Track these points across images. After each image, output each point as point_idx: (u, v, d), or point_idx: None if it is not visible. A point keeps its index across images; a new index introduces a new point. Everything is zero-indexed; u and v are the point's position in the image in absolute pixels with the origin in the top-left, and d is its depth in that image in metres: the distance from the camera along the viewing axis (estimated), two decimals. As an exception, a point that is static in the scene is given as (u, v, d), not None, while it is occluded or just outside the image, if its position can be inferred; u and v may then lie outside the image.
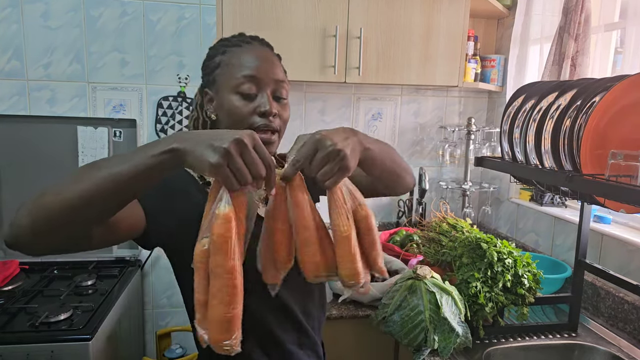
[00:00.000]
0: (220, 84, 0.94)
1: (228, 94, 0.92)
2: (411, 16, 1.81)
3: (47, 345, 1.37)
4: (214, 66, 0.96)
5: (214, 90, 0.96)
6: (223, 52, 0.96)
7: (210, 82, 0.97)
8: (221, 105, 0.93)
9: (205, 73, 0.99)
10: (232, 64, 0.93)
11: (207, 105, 0.98)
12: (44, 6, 1.89)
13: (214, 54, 0.97)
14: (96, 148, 1.97)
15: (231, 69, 0.92)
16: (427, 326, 1.19)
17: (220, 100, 0.94)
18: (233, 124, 0.91)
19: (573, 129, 1.06)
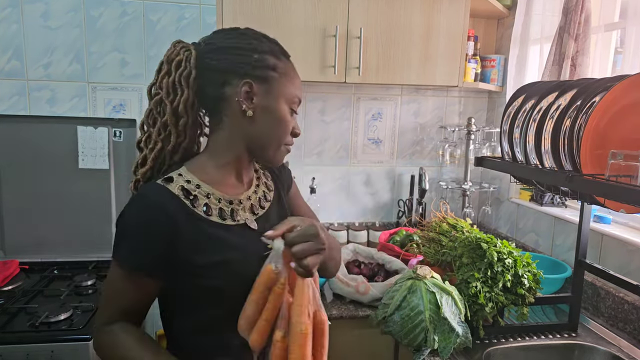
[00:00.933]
0: (276, 89, 0.91)
1: (282, 103, 0.92)
2: (411, 16, 1.81)
3: (47, 345, 1.38)
4: (268, 66, 0.91)
5: (261, 89, 0.90)
6: (274, 55, 0.93)
7: (259, 77, 0.90)
8: (269, 110, 0.91)
9: (252, 62, 0.89)
10: (289, 76, 0.94)
11: (245, 99, 0.89)
12: (44, 6, 1.89)
13: (262, 49, 0.91)
14: (96, 148, 1.97)
15: (289, 81, 0.93)
16: (427, 326, 1.19)
17: (268, 104, 0.91)
18: (278, 132, 0.93)
19: (573, 129, 1.06)
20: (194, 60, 0.89)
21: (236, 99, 0.89)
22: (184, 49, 0.92)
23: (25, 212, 1.94)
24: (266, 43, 0.93)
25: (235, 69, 0.89)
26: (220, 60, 0.89)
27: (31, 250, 1.95)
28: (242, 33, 0.94)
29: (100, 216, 2.01)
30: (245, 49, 0.90)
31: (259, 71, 0.89)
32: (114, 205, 2.02)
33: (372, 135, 2.26)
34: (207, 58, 0.90)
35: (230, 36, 0.93)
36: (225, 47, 0.91)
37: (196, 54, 0.90)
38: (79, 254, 1.99)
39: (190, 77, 0.89)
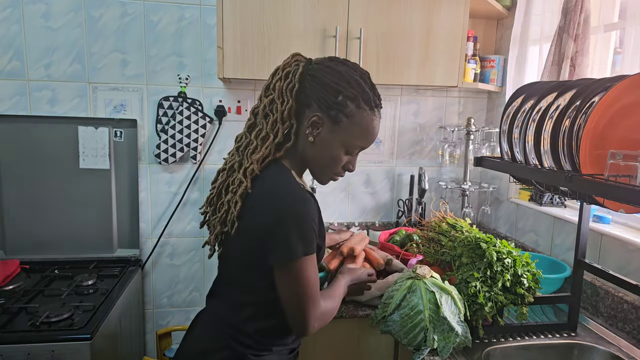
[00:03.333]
0: (340, 131, 1.02)
1: (339, 145, 1.04)
2: (411, 16, 1.81)
3: (47, 345, 1.38)
4: (344, 109, 1.00)
5: (327, 126, 1.02)
6: (358, 104, 1.01)
7: (330, 116, 1.01)
8: (326, 145, 1.03)
9: (331, 102, 1.01)
10: (361, 127, 1.03)
11: (311, 127, 1.02)
12: (44, 7, 1.90)
13: (349, 94, 1.00)
14: (97, 148, 1.97)
15: (356, 131, 1.03)
16: (426, 326, 1.19)
17: (328, 140, 1.03)
18: (326, 165, 1.07)
19: (572, 129, 1.06)
20: (298, 75, 1.01)
21: (305, 123, 1.02)
22: (296, 62, 1.04)
23: (26, 212, 1.95)
24: (358, 89, 1.01)
25: (317, 99, 1.01)
26: (312, 87, 1.01)
27: (32, 249, 1.96)
28: (342, 72, 1.02)
29: (101, 216, 2.01)
30: (334, 88, 1.00)
31: (333, 111, 1.00)
32: (114, 205, 2.03)
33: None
34: (306, 79, 1.02)
35: (331, 70, 1.02)
36: (321, 78, 1.01)
37: (302, 71, 1.02)
38: (79, 253, 1.99)
39: (294, 89, 1.01)
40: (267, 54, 1.74)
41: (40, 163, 1.94)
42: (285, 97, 1.02)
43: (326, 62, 1.04)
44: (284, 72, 1.04)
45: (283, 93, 1.02)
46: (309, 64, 1.04)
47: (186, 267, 2.19)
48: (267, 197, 0.99)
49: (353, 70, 1.03)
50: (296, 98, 1.02)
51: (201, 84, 2.07)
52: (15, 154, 1.92)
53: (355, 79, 1.01)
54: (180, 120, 2.03)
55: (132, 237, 2.06)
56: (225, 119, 2.10)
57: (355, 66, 1.05)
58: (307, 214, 0.98)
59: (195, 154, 2.06)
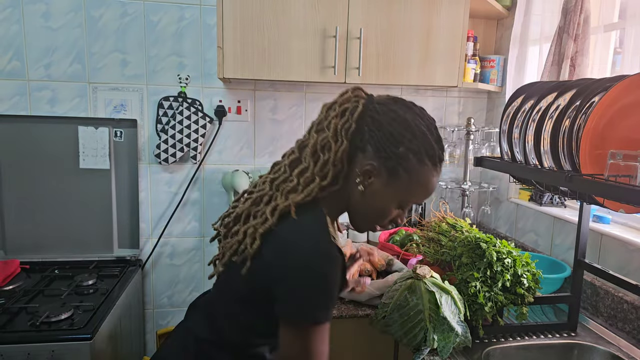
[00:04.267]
0: (395, 186, 0.92)
1: (392, 200, 0.94)
2: (411, 16, 1.81)
3: (47, 345, 1.38)
4: (404, 162, 0.90)
5: (382, 178, 0.91)
6: (421, 159, 0.90)
7: (387, 167, 0.90)
8: (377, 197, 0.93)
9: (390, 152, 0.89)
10: (419, 183, 0.93)
11: (363, 175, 0.91)
12: (44, 6, 1.90)
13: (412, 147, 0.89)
14: (97, 148, 1.97)
15: (414, 188, 0.93)
16: (426, 325, 1.19)
17: (380, 193, 0.92)
18: (374, 218, 0.97)
19: (572, 129, 1.06)
20: (357, 115, 0.91)
21: (357, 169, 0.91)
22: (356, 99, 0.93)
23: (26, 212, 1.95)
24: (423, 142, 0.90)
25: (374, 146, 0.90)
26: (372, 131, 0.90)
27: (32, 250, 1.96)
28: (408, 120, 0.91)
29: (101, 216, 2.01)
30: (396, 137, 0.89)
31: (391, 163, 0.90)
32: (114, 205, 2.03)
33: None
34: (365, 122, 0.91)
35: (395, 116, 0.91)
36: (382, 123, 0.90)
37: (361, 111, 0.91)
38: (79, 253, 1.99)
39: (350, 130, 0.90)
40: (267, 54, 1.74)
41: (40, 163, 1.94)
42: (340, 137, 0.90)
43: (390, 105, 0.93)
44: (341, 109, 0.92)
45: (338, 133, 0.90)
46: (370, 103, 0.93)
47: (186, 267, 2.19)
48: (294, 246, 0.86)
49: (420, 118, 0.92)
50: (351, 140, 0.91)
51: (201, 84, 2.07)
52: (15, 154, 1.92)
53: (421, 130, 0.90)
54: (180, 120, 2.03)
55: (132, 237, 2.06)
56: (225, 119, 2.10)
57: (423, 113, 0.94)
58: (333, 278, 0.86)
59: (195, 154, 2.06)
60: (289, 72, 1.77)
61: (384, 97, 0.95)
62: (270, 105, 2.14)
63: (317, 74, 1.78)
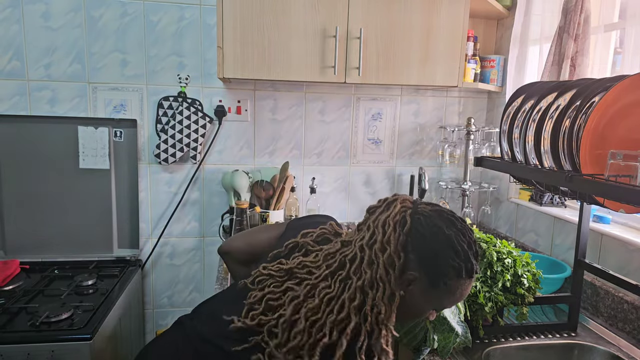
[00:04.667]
0: (434, 295, 0.94)
1: (429, 307, 0.97)
2: (411, 16, 1.81)
3: (47, 345, 1.38)
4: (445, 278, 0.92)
5: (423, 286, 0.93)
6: (460, 274, 0.92)
7: (429, 279, 0.92)
8: (415, 303, 0.94)
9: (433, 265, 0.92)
10: (456, 294, 0.95)
11: (403, 282, 0.92)
12: (44, 6, 1.90)
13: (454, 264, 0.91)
14: (97, 148, 1.97)
15: (451, 298, 0.96)
16: (426, 326, 1.19)
17: (419, 299, 0.94)
18: (406, 319, 0.99)
19: (572, 129, 1.06)
20: (407, 229, 0.93)
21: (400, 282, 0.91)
22: (403, 211, 0.95)
23: (26, 212, 1.95)
24: (464, 259, 0.92)
25: (419, 257, 0.92)
26: (415, 244, 0.92)
27: (32, 250, 1.96)
28: (451, 237, 0.92)
29: (100, 216, 2.01)
30: (439, 254, 0.92)
31: (432, 276, 0.92)
32: (114, 205, 2.02)
33: (372, 135, 2.26)
34: (410, 235, 0.92)
35: (439, 231, 0.92)
36: (427, 237, 0.92)
37: (410, 225, 0.93)
38: (79, 253, 1.99)
39: (403, 244, 0.92)
40: (267, 54, 1.74)
41: (40, 163, 1.94)
42: (399, 252, 0.92)
43: (434, 219, 0.94)
44: (394, 223, 0.94)
45: (398, 248, 0.92)
46: (416, 214, 0.95)
47: (186, 267, 2.19)
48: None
49: (462, 235, 0.94)
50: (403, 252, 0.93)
51: (201, 84, 2.07)
52: (15, 154, 1.92)
53: (464, 249, 0.92)
54: (180, 120, 2.03)
55: (132, 237, 2.06)
56: (225, 118, 2.10)
57: (464, 228, 0.96)
58: None
59: (195, 154, 2.06)
60: (289, 72, 1.77)
61: (428, 208, 0.97)
62: (270, 105, 2.14)
63: (317, 74, 1.78)
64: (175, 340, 1.00)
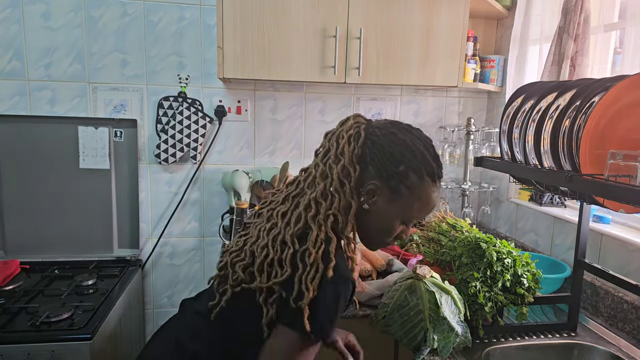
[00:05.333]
0: (398, 203, 0.96)
1: (396, 216, 0.97)
2: (411, 16, 1.81)
3: (47, 345, 1.38)
4: (405, 180, 0.94)
5: (385, 196, 0.95)
6: (421, 176, 0.95)
7: (389, 186, 0.95)
8: (382, 215, 0.97)
9: (392, 171, 0.94)
10: (421, 199, 0.97)
11: (367, 195, 0.95)
12: (44, 6, 1.90)
13: (412, 166, 0.94)
14: (97, 148, 1.97)
15: (415, 204, 0.97)
16: (426, 326, 1.19)
17: (384, 210, 0.96)
18: (379, 235, 1.01)
19: (572, 129, 1.06)
20: (361, 141, 0.96)
21: (361, 190, 0.95)
22: (357, 126, 0.98)
23: (26, 212, 1.95)
24: (422, 160, 0.95)
25: (377, 167, 0.94)
26: (373, 154, 0.95)
27: (32, 250, 1.96)
28: (407, 141, 0.95)
29: (101, 216, 2.01)
30: (396, 157, 0.94)
31: (393, 182, 0.94)
32: (114, 205, 2.03)
33: (372, 135, 2.26)
34: (367, 146, 0.96)
35: (394, 138, 0.96)
36: (383, 146, 0.95)
37: (364, 137, 0.96)
38: (79, 253, 1.99)
39: (358, 155, 0.95)
40: (267, 54, 1.74)
41: (40, 163, 1.94)
42: (352, 163, 0.95)
43: (389, 128, 0.98)
44: (348, 136, 0.97)
45: (352, 160, 0.95)
46: (370, 127, 0.98)
47: (186, 267, 2.19)
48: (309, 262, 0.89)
49: (418, 139, 0.98)
50: (359, 164, 0.96)
51: (201, 84, 2.07)
52: (15, 154, 1.92)
53: (420, 150, 0.95)
54: (180, 120, 2.03)
55: (132, 237, 2.06)
56: (225, 119, 2.10)
57: (420, 134, 1.00)
58: (342, 298, 0.90)
59: (195, 154, 2.06)
60: (289, 72, 1.77)
61: (382, 121, 1.01)
62: (270, 105, 2.14)
63: (317, 74, 1.78)
64: (178, 320, 1.14)
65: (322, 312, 0.88)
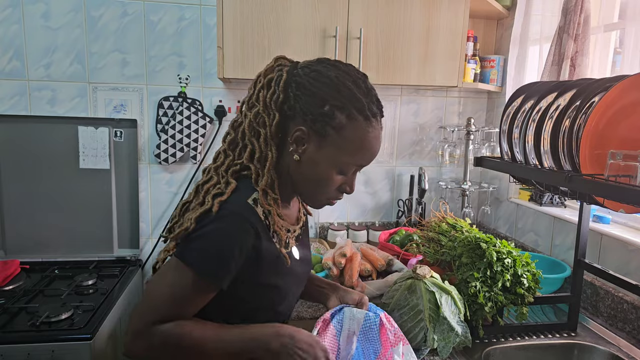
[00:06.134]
0: (328, 147, 0.87)
1: (330, 164, 0.88)
2: (411, 16, 1.81)
3: (47, 345, 1.38)
4: (331, 121, 0.85)
5: (314, 142, 0.87)
6: (349, 114, 0.85)
7: (316, 130, 0.86)
8: (314, 163, 0.88)
9: (316, 113, 0.85)
10: (353, 141, 0.87)
11: (295, 143, 0.88)
12: (44, 6, 1.90)
13: (337, 103, 0.85)
14: (97, 148, 1.97)
15: (348, 147, 0.87)
16: (426, 325, 1.19)
17: (316, 158, 0.88)
18: (313, 189, 0.93)
19: (572, 129, 1.06)
20: (282, 83, 0.87)
21: (289, 139, 0.88)
22: (279, 68, 0.91)
23: (26, 212, 1.95)
24: (349, 96, 0.86)
25: (301, 111, 0.86)
26: (296, 96, 0.87)
27: (32, 250, 1.96)
28: (331, 77, 0.86)
29: (101, 216, 2.01)
30: (320, 96, 0.85)
31: (319, 124, 0.85)
32: (114, 205, 2.02)
33: (372, 135, 2.26)
34: (290, 88, 0.87)
35: (318, 75, 0.87)
36: (306, 85, 0.86)
37: (286, 79, 0.88)
38: (79, 253, 1.99)
39: (278, 100, 0.87)
40: (267, 54, 1.74)
41: (40, 163, 1.94)
42: (270, 110, 0.88)
43: (313, 66, 0.89)
44: (266, 80, 0.90)
45: (268, 105, 0.88)
46: (294, 69, 0.90)
47: (186, 267, 2.18)
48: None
49: (345, 73, 0.88)
50: (280, 110, 0.88)
51: (201, 84, 2.07)
52: (15, 154, 1.92)
53: (346, 85, 0.86)
54: (180, 120, 2.03)
55: (132, 237, 2.06)
56: (225, 118, 2.10)
57: (349, 69, 0.90)
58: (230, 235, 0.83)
59: (195, 154, 2.06)
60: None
61: (308, 61, 0.91)
62: (270, 105, 2.14)
63: (317, 74, 1.78)
64: None
65: (200, 243, 0.83)
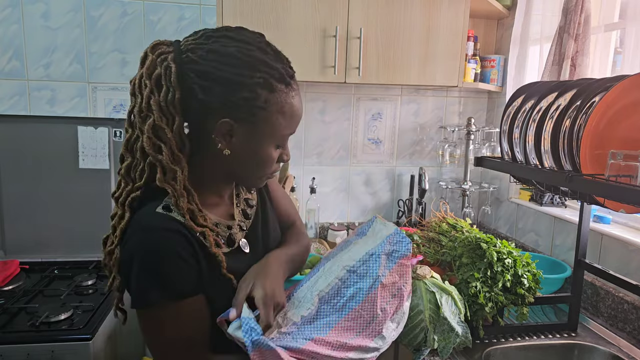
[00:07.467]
0: (263, 130, 0.80)
1: (267, 144, 0.82)
2: (411, 16, 1.81)
3: (47, 345, 1.38)
4: (256, 102, 0.77)
5: (243, 129, 0.79)
6: (271, 87, 0.77)
7: (241, 118, 0.78)
8: (250, 149, 0.81)
9: (236, 100, 0.76)
10: (283, 112, 0.80)
11: (222, 139, 0.79)
12: (44, 6, 1.89)
13: (256, 82, 0.76)
14: (97, 148, 1.97)
15: (280, 120, 0.80)
16: (426, 326, 1.19)
17: (251, 143, 0.81)
18: (258, 170, 0.86)
19: (573, 129, 1.06)
20: (175, 77, 0.75)
21: (213, 136, 0.79)
22: (162, 58, 0.78)
23: (26, 212, 1.95)
24: (264, 69, 0.77)
25: (218, 102, 0.76)
26: (204, 87, 0.75)
27: (31, 250, 1.95)
28: (235, 54, 0.76)
29: (100, 216, 2.00)
30: (234, 80, 0.75)
31: (244, 110, 0.77)
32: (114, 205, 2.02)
33: (372, 135, 2.26)
34: (187, 79, 0.76)
35: (219, 56, 0.76)
36: (211, 72, 0.75)
37: (177, 71, 0.75)
38: (79, 253, 1.99)
39: (175, 99, 0.76)
40: (267, 54, 1.73)
41: (40, 163, 1.94)
42: (169, 115, 0.76)
43: (206, 46, 0.76)
44: (154, 80, 0.76)
45: (164, 110, 0.75)
46: (181, 55, 0.76)
47: (186, 267, 2.18)
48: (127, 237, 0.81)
49: (246, 44, 0.77)
50: (183, 110, 0.77)
51: (201, 84, 2.06)
52: (14, 154, 1.92)
53: (255, 57, 0.76)
54: (180, 120, 2.03)
55: (132, 237, 2.06)
56: (225, 118, 2.10)
57: (245, 35, 0.79)
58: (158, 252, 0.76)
59: (195, 154, 2.06)
60: (289, 72, 1.77)
61: (191, 40, 0.79)
62: (270, 105, 2.14)
63: (317, 74, 1.78)
64: None
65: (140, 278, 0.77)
